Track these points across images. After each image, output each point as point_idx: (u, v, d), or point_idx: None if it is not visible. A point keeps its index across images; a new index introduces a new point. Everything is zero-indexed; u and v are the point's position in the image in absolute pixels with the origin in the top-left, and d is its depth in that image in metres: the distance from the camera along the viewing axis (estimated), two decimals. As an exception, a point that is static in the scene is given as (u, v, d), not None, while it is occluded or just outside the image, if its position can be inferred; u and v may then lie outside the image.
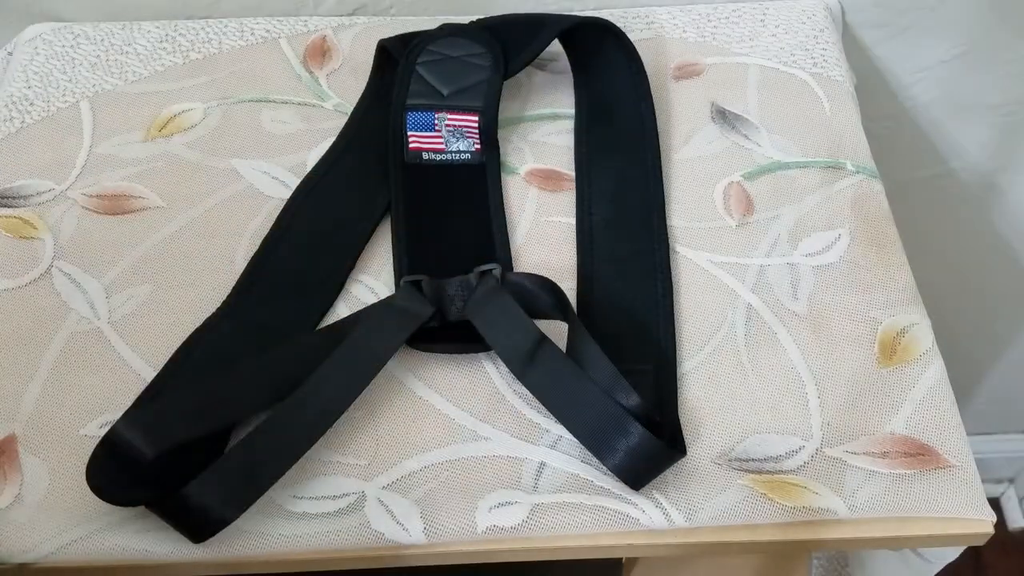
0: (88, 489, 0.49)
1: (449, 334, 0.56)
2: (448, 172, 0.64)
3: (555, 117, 0.69)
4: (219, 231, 0.62)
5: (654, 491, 0.51)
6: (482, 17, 0.71)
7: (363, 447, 0.53)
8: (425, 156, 0.65)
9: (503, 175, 0.65)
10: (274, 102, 0.69)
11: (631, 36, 0.70)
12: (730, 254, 0.61)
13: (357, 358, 0.53)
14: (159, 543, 0.49)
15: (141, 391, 0.54)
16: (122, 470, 0.49)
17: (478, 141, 0.65)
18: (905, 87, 0.84)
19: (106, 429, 0.50)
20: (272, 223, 0.62)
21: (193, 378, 0.54)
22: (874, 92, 0.84)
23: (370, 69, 0.70)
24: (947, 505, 0.51)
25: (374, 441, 0.53)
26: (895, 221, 0.63)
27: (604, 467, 0.51)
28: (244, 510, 0.49)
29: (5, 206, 0.63)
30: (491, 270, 0.56)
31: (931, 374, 0.56)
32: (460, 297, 0.56)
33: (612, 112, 0.68)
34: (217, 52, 0.73)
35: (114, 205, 0.63)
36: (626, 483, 0.51)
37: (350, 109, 0.68)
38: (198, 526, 0.48)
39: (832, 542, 0.52)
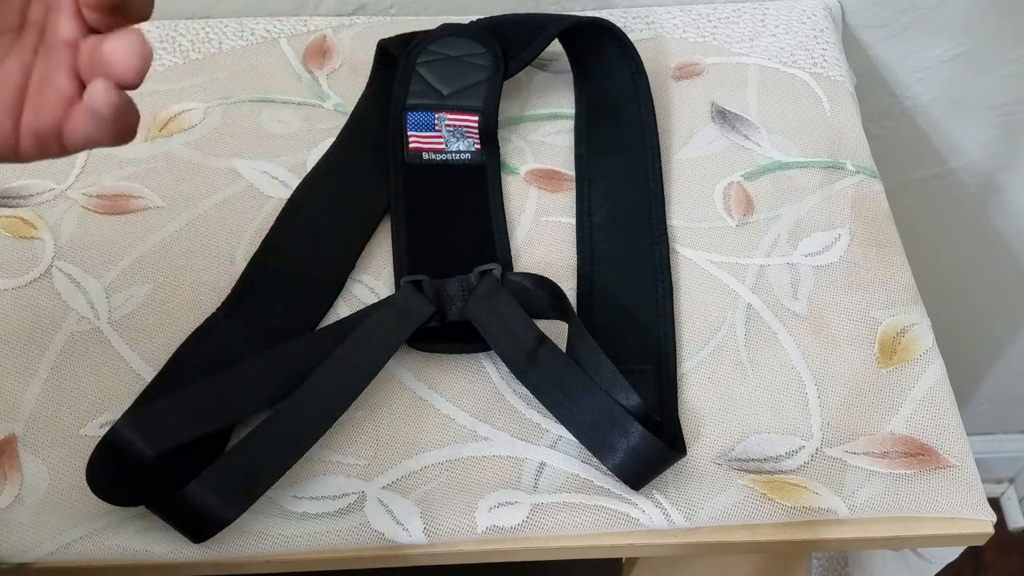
0: (88, 489, 0.49)
1: (449, 334, 0.56)
2: (448, 172, 0.64)
3: (555, 117, 0.69)
4: (219, 231, 0.62)
5: (654, 491, 0.51)
6: (482, 17, 0.71)
7: (363, 447, 0.53)
8: (425, 156, 0.64)
9: (503, 175, 0.65)
10: (274, 102, 0.69)
11: (631, 36, 0.70)
12: (730, 254, 0.61)
13: (357, 358, 0.53)
14: (159, 543, 0.49)
15: (141, 391, 0.54)
16: (122, 470, 0.49)
17: (478, 141, 0.65)
18: (905, 87, 0.84)
19: (106, 429, 0.50)
20: (272, 223, 0.62)
21: (193, 378, 0.54)
22: (874, 92, 0.84)
23: (370, 69, 0.70)
24: (947, 505, 0.51)
25: (374, 441, 0.53)
26: (895, 221, 0.63)
27: (604, 467, 0.51)
28: (244, 510, 0.49)
29: (5, 206, 0.63)
30: (491, 270, 0.56)
31: (931, 374, 0.56)
32: (460, 297, 0.56)
33: (612, 112, 0.67)
34: (217, 52, 0.73)
35: (114, 205, 0.63)
36: (626, 483, 0.51)
37: (350, 109, 0.68)
38: (198, 526, 0.48)
39: (832, 542, 0.52)
